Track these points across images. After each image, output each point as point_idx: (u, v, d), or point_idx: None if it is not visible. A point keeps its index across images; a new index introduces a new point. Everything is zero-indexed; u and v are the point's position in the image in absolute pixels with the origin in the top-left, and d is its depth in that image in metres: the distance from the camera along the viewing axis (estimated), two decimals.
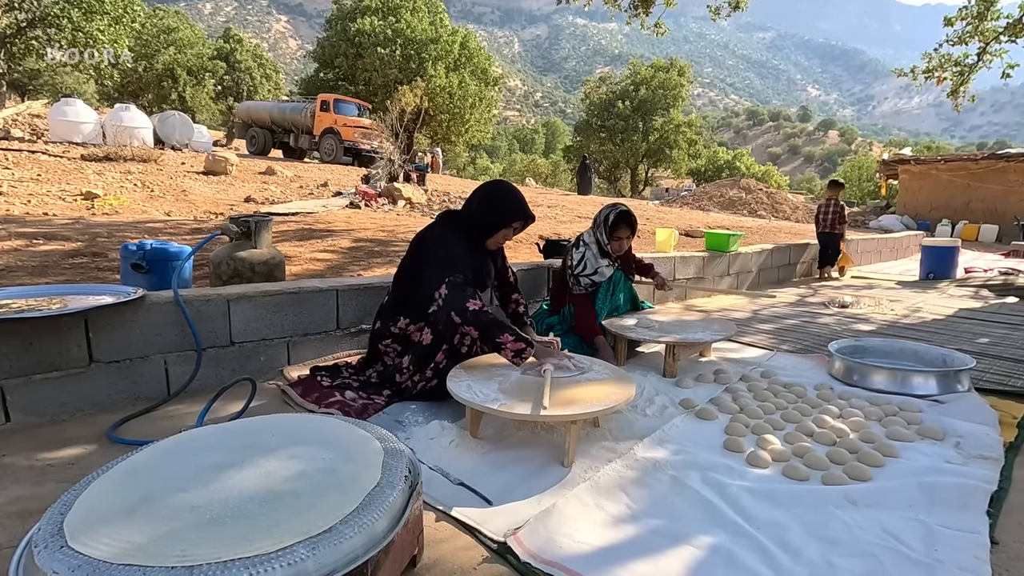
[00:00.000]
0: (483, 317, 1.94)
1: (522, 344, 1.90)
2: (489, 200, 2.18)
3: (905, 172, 16.32)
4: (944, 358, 2.52)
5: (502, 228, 2.18)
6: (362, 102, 19.44)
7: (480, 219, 2.17)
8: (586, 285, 2.84)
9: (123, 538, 0.85)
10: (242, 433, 1.22)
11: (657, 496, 1.52)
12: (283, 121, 18.24)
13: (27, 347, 1.75)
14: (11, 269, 3.43)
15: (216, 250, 2.54)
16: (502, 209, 2.17)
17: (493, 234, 2.19)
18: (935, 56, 8.92)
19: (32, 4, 15.31)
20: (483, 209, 2.17)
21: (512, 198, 2.20)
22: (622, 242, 2.88)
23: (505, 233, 2.21)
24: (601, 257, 2.85)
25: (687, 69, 35.54)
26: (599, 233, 2.85)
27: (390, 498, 1.03)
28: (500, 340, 1.90)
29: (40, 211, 6.04)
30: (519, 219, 2.20)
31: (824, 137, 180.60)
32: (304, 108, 17.69)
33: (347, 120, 16.84)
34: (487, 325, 1.94)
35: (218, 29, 46.30)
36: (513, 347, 1.89)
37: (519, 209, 2.18)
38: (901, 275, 6.69)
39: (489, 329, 1.93)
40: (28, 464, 1.57)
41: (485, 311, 1.96)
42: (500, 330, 1.92)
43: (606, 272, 2.85)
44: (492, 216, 2.17)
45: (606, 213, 2.82)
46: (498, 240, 2.23)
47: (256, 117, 19.04)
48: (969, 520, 1.41)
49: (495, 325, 1.94)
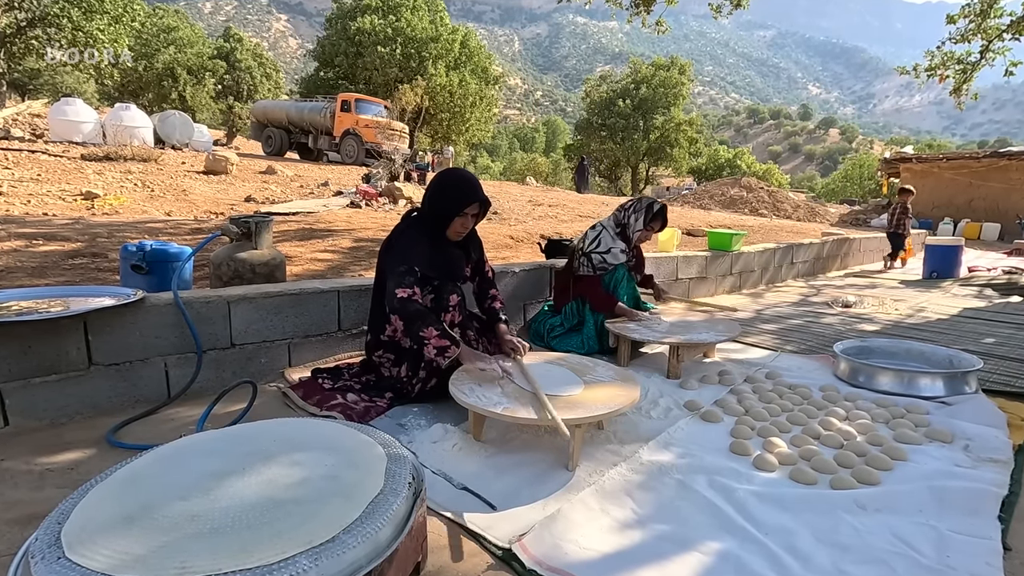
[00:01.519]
0: (409, 306, 1.85)
1: (446, 341, 1.80)
2: (438, 191, 2.09)
3: (907, 170, 16.27)
4: (951, 359, 2.50)
5: (455, 216, 2.07)
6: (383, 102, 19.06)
7: (434, 211, 2.08)
8: (597, 263, 2.85)
9: (121, 549, 0.84)
10: (243, 439, 1.20)
11: (663, 501, 1.50)
12: (301, 121, 17.79)
13: (26, 350, 1.74)
14: (10, 270, 3.42)
15: (216, 251, 2.52)
16: (451, 198, 2.07)
17: (449, 223, 2.08)
18: (938, 54, 8.88)
19: (32, 3, 15.28)
20: (434, 200, 2.09)
21: (460, 185, 2.09)
22: (651, 234, 2.97)
23: (462, 222, 2.09)
24: (618, 240, 2.87)
25: (688, 67, 35.46)
26: (631, 217, 2.89)
27: (394, 506, 1.01)
28: (423, 334, 1.81)
29: (40, 211, 6.02)
30: (470, 204, 2.08)
31: (825, 135, 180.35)
32: (324, 108, 17.21)
33: (368, 120, 16.41)
34: (412, 316, 1.85)
35: (218, 28, 46.30)
36: (437, 343, 1.80)
37: (469, 194, 2.07)
38: (904, 274, 6.67)
39: (414, 320, 1.84)
40: (27, 469, 1.55)
41: (412, 300, 1.87)
42: (425, 323, 1.81)
43: (619, 256, 2.85)
44: (443, 206, 2.07)
45: (649, 202, 2.91)
46: (456, 229, 2.11)
47: (272, 117, 18.60)
48: (981, 525, 1.38)
49: (421, 317, 1.83)
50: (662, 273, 4.17)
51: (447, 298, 2.05)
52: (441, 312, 2.04)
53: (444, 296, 2.05)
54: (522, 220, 8.02)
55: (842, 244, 6.97)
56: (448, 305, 2.05)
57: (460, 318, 2.10)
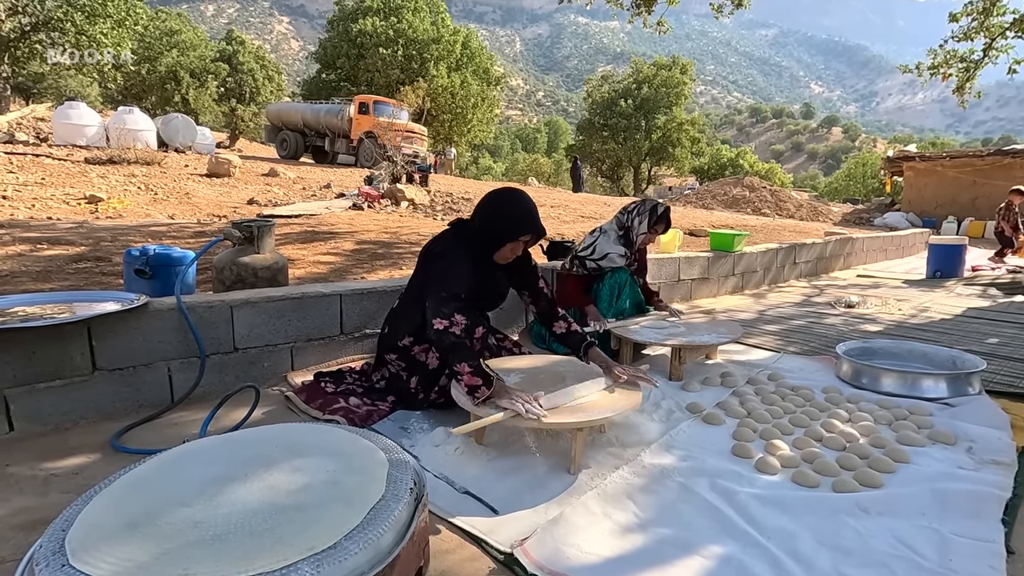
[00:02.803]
0: (445, 339, 1.75)
1: (479, 380, 1.65)
2: (493, 213, 2.00)
3: (910, 169, 16.22)
4: (954, 360, 2.49)
5: (508, 243, 1.99)
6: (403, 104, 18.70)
7: (484, 233, 2.00)
8: (591, 269, 2.85)
9: (125, 556, 0.84)
10: (245, 444, 1.20)
11: (665, 504, 1.50)
12: (316, 124, 17.39)
13: (30, 356, 1.75)
14: (15, 274, 3.43)
15: (219, 255, 2.53)
16: (507, 223, 1.98)
17: (498, 248, 2.01)
18: (940, 52, 8.86)
19: (36, 8, 15.37)
20: (487, 222, 2.00)
21: (519, 210, 1.99)
22: (655, 237, 2.96)
23: (512, 247, 2.01)
24: (619, 244, 2.86)
25: (689, 67, 35.45)
26: (635, 220, 2.87)
27: (395, 511, 1.01)
28: (457, 369, 1.69)
29: (44, 215, 6.05)
30: (526, 234, 2.00)
31: (828, 134, 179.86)
32: (341, 110, 16.84)
33: (387, 123, 15.95)
34: (447, 348, 1.75)
35: (220, 31, 46.55)
36: (469, 381, 1.66)
37: (527, 223, 1.98)
38: (907, 273, 6.65)
39: (449, 354, 1.74)
40: (32, 474, 1.56)
41: (450, 332, 1.75)
42: (460, 358, 1.70)
43: (616, 260, 2.84)
44: (496, 230, 1.99)
45: (653, 204, 2.89)
46: (505, 255, 2.03)
47: (287, 120, 18.21)
48: (984, 528, 1.38)
49: (456, 350, 1.73)
50: (664, 274, 4.17)
51: (474, 331, 2.05)
52: None
53: (472, 328, 2.04)
54: None
55: (845, 244, 6.96)
56: (473, 337, 2.06)
57: (479, 347, 2.09)
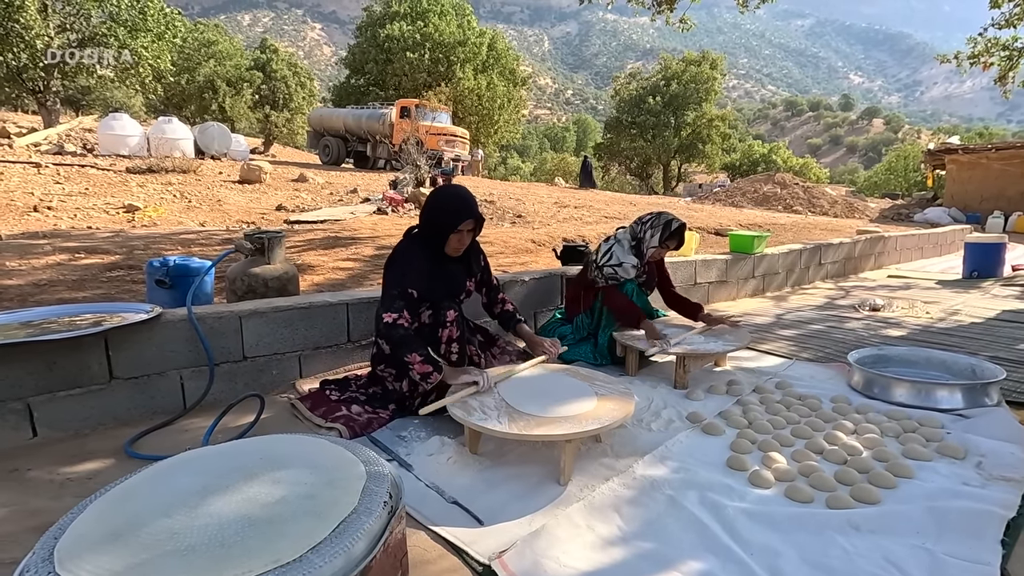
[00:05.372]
0: (394, 332, 1.91)
1: (429, 367, 1.86)
2: (433, 209, 2.13)
3: (953, 162, 15.53)
4: (973, 368, 2.40)
5: (450, 233, 2.10)
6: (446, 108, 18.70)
7: (428, 228, 2.13)
8: (608, 275, 2.83)
9: (104, 565, 0.90)
10: (232, 456, 1.26)
11: (651, 517, 1.50)
12: (358, 129, 17.58)
13: (51, 366, 1.86)
14: (53, 283, 3.64)
15: (232, 266, 2.63)
16: (443, 216, 2.10)
17: (445, 241, 2.12)
18: (980, 40, 8.46)
19: (82, 24, 16.15)
20: (427, 219, 2.13)
21: (454, 203, 2.11)
22: (665, 252, 2.92)
23: (458, 238, 2.13)
24: (631, 254, 2.83)
25: (720, 62, 34.69)
26: (648, 232, 2.83)
27: (366, 524, 1.05)
28: (408, 360, 1.88)
29: (85, 224, 6.37)
30: (463, 221, 2.09)
31: (868, 126, 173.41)
32: (382, 115, 16.99)
33: (430, 127, 15.98)
34: (397, 341, 1.92)
35: (256, 39, 48.10)
36: (420, 369, 1.87)
37: (463, 212, 2.09)
38: (942, 273, 6.38)
39: (399, 346, 1.91)
40: (49, 478, 1.66)
41: (398, 325, 1.92)
42: (409, 348, 1.87)
43: (629, 271, 2.81)
44: (436, 224, 2.11)
45: (668, 219, 2.83)
46: (453, 246, 2.15)
47: (329, 125, 18.43)
48: (980, 549, 1.34)
49: (405, 342, 1.89)
50: (680, 278, 4.12)
51: (444, 314, 2.10)
52: (439, 328, 2.09)
53: (442, 312, 2.10)
54: (546, 223, 8.03)
55: (876, 243, 6.71)
56: (446, 321, 2.09)
57: (458, 333, 2.13)
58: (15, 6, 14.11)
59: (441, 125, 16.89)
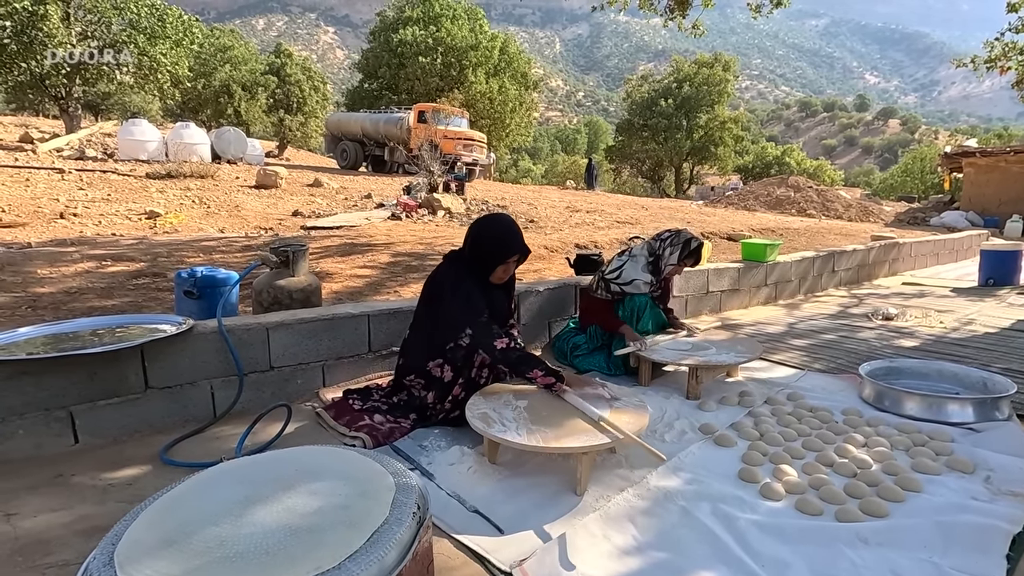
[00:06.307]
0: (511, 355, 2.07)
1: (551, 378, 2.00)
2: (480, 239, 2.21)
3: (970, 165, 15.35)
4: (985, 382, 2.42)
5: (498, 265, 2.20)
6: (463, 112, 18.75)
7: (476, 259, 2.21)
8: (615, 293, 2.88)
9: (162, 570, 0.98)
10: (270, 467, 1.34)
11: (665, 528, 1.56)
12: (376, 134, 17.57)
13: (92, 376, 1.96)
14: (83, 291, 3.77)
15: (258, 279, 2.73)
16: (492, 246, 2.19)
17: (491, 271, 2.22)
18: (998, 44, 8.39)
19: (103, 32, 16.52)
20: (475, 249, 2.21)
21: (503, 236, 2.20)
22: (682, 269, 2.98)
23: (504, 268, 2.23)
24: (647, 271, 2.86)
25: (732, 64, 34.56)
26: (667, 250, 2.87)
27: (397, 534, 1.12)
28: (531, 376, 2.03)
29: (109, 231, 6.53)
30: (511, 256, 2.20)
31: (884, 127, 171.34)
32: (400, 120, 16.88)
33: (447, 131, 15.84)
34: (515, 361, 2.06)
35: (270, 43, 48.84)
36: (543, 381, 2.01)
37: (511, 245, 2.19)
38: (958, 280, 6.35)
39: (518, 365, 2.06)
40: (92, 484, 1.76)
41: (513, 348, 2.08)
42: (530, 365, 2.04)
43: (642, 288, 2.85)
44: (486, 255, 2.20)
45: (687, 237, 2.88)
46: (499, 276, 2.24)
47: (346, 130, 18.43)
48: (986, 564, 1.38)
49: (524, 361, 2.06)
50: (692, 287, 4.16)
51: None
52: (475, 352, 2.16)
53: None
54: (558, 228, 8.08)
55: (890, 249, 6.69)
56: None
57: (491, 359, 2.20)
58: (39, 15, 14.47)
59: (459, 129, 16.87)
